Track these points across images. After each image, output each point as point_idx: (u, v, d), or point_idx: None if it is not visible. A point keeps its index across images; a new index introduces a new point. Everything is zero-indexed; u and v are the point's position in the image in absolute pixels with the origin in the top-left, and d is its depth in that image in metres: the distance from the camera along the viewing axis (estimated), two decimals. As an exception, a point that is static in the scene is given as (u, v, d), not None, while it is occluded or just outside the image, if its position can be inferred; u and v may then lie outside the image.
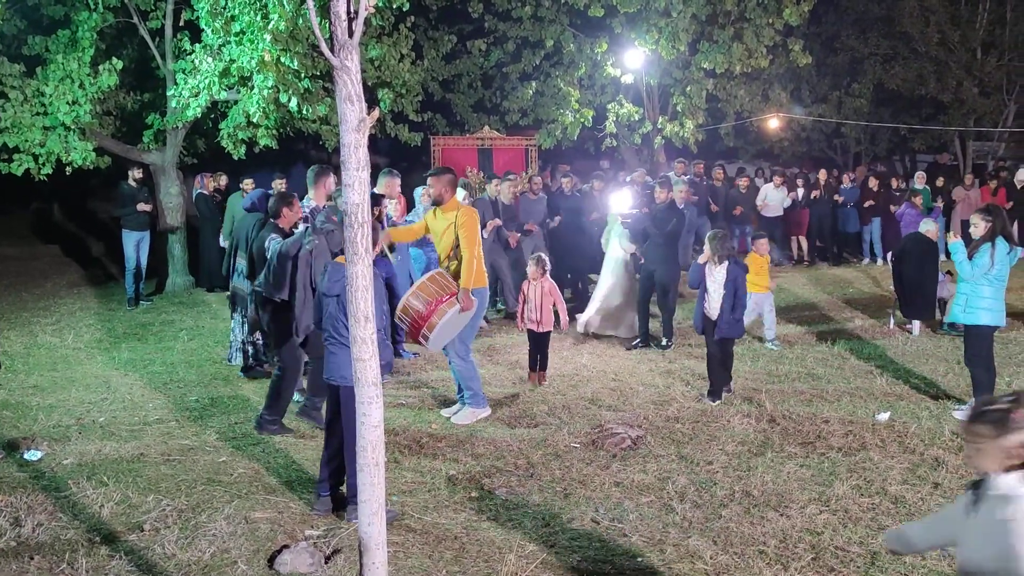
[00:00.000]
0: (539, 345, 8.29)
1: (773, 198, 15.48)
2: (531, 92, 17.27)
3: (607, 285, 10.27)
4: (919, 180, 16.00)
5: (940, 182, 16.35)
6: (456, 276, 6.86)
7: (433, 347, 6.90)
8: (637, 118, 17.10)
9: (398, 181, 9.18)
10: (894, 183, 16.19)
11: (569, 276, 12.39)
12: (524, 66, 17.34)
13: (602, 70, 16.97)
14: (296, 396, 7.24)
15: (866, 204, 15.54)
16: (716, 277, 7.64)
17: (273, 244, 6.83)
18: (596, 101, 17.45)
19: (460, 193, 8.50)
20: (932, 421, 6.94)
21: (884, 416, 7.00)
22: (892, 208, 15.37)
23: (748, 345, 9.60)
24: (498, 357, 9.22)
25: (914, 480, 5.73)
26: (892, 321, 10.36)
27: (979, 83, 19.80)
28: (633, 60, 16.32)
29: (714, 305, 7.65)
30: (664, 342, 9.63)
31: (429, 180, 7.23)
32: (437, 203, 7.13)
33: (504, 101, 17.83)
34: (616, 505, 5.40)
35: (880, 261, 15.56)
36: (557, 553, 4.77)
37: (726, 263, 7.66)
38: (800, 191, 15.64)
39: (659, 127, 17.07)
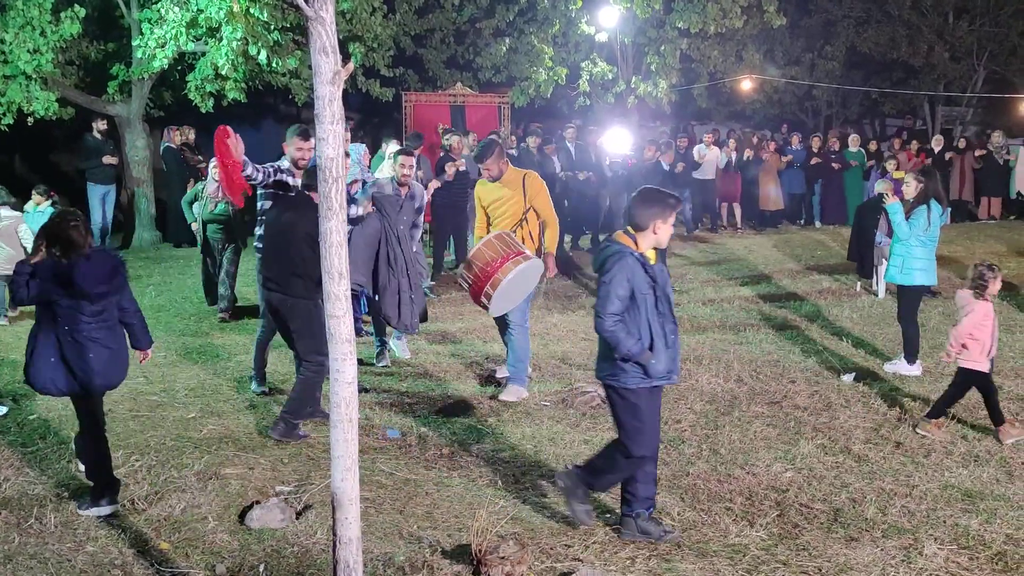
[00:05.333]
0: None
1: (707, 157, 15.17)
2: (504, 49, 17.06)
3: None
4: (852, 143, 16.22)
5: (873, 146, 16.63)
6: (528, 243, 6.56)
7: (495, 311, 6.37)
8: (611, 77, 16.99)
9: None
10: (835, 145, 16.39)
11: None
12: (498, 22, 17.10)
13: (576, 27, 16.79)
14: (255, 386, 6.73)
15: (812, 162, 15.72)
16: None
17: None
18: (570, 59, 17.28)
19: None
20: (895, 381, 7.07)
21: (849, 377, 7.12)
22: (835, 166, 15.63)
23: (718, 306, 9.68)
24: (468, 317, 9.23)
25: (877, 439, 5.85)
26: (859, 284, 10.50)
27: (950, 48, 19.89)
28: (608, 18, 16.16)
29: None
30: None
31: (486, 165, 6.69)
32: (496, 179, 6.72)
33: (477, 57, 17.61)
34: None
35: (818, 223, 15.79)
36: (527, 509, 4.82)
37: None
38: (734, 154, 15.57)
39: (633, 87, 16.98)
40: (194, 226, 9.57)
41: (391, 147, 10.47)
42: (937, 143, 16.47)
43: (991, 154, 16.27)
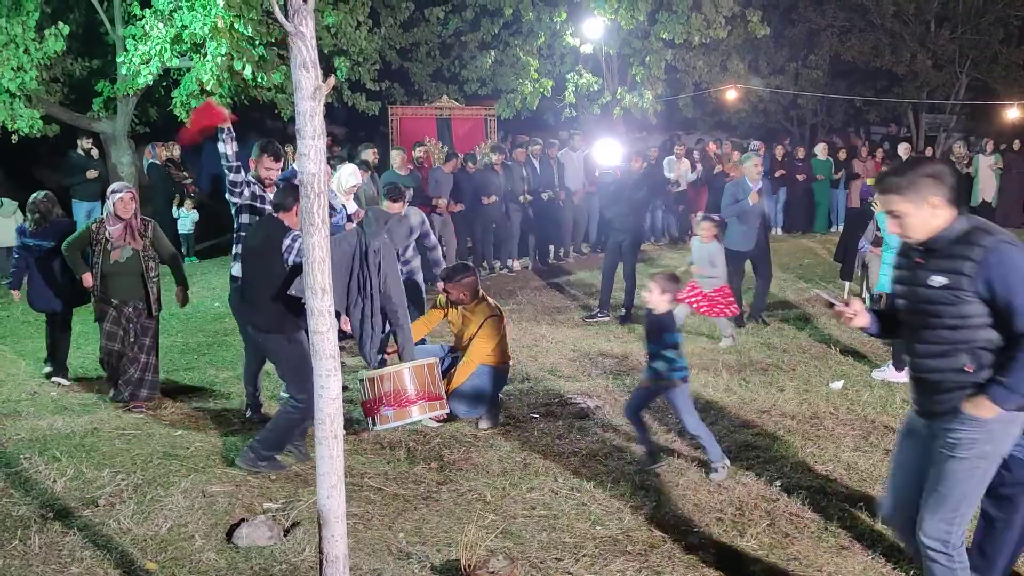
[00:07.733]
0: None
1: (677, 171, 15.30)
2: (490, 61, 17.12)
3: None
4: (821, 152, 16.35)
5: (842, 155, 16.79)
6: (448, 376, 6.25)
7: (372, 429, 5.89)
8: (596, 88, 17.06)
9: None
10: (800, 153, 16.52)
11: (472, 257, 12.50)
12: (483, 35, 17.17)
13: (561, 39, 16.87)
14: (248, 412, 6.48)
15: (776, 174, 15.85)
16: None
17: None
18: (555, 71, 17.37)
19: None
20: (884, 389, 7.08)
21: (838, 385, 7.13)
22: (799, 177, 15.77)
23: (705, 320, 9.68)
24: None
25: (866, 447, 5.85)
26: (846, 287, 10.53)
27: (932, 56, 20.09)
28: (592, 29, 16.24)
29: None
30: (623, 312, 9.69)
31: (447, 287, 6.39)
32: (457, 304, 6.47)
33: (463, 70, 17.66)
34: (575, 474, 5.44)
35: (778, 230, 15.94)
36: (517, 523, 4.80)
37: None
38: (699, 166, 15.64)
39: (618, 98, 17.05)
40: (87, 279, 6.73)
41: (346, 170, 8.13)
42: (905, 151, 16.61)
43: (953, 164, 16.42)
